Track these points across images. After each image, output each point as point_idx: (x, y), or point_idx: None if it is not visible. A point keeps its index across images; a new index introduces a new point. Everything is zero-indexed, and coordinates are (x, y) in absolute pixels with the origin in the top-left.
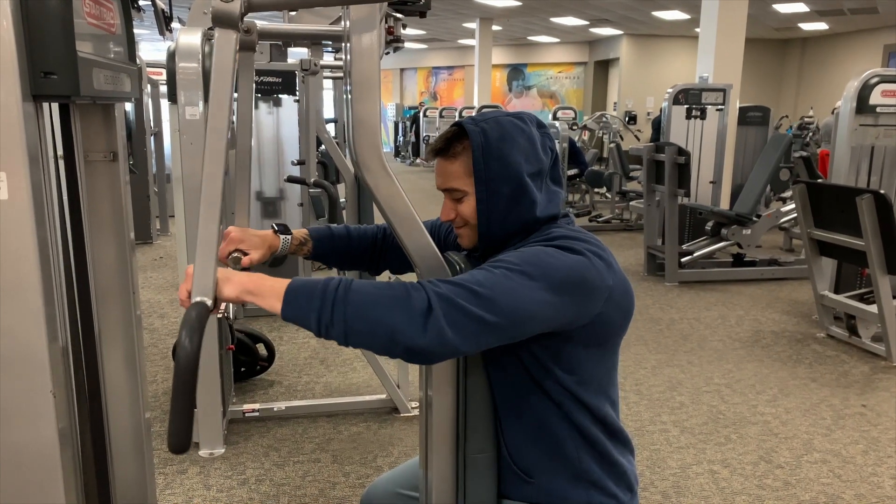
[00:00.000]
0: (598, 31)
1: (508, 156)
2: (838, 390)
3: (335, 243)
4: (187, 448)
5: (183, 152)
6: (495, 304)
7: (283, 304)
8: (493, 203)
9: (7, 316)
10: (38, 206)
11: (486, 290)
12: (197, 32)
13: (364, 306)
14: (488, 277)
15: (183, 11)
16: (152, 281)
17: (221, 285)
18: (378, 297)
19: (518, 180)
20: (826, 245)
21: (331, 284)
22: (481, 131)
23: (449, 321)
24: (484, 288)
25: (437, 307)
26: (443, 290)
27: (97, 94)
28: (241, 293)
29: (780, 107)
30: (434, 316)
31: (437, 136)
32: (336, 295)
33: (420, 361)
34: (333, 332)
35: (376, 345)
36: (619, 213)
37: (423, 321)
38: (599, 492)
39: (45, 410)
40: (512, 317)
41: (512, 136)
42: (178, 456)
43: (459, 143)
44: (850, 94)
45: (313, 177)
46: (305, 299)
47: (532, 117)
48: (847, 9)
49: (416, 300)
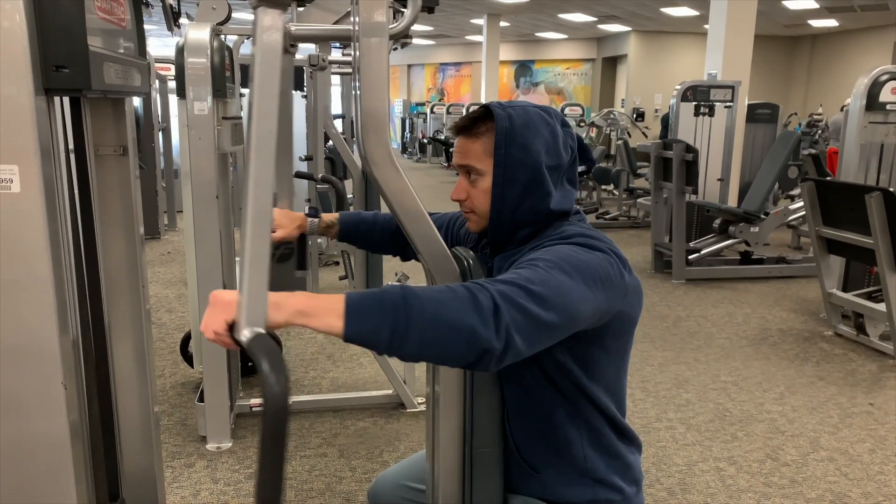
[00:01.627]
0: (606, 27)
1: (531, 145)
2: (846, 388)
3: (360, 228)
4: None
5: (191, 147)
6: (549, 302)
7: (346, 321)
8: (509, 188)
9: (19, 308)
10: (50, 199)
11: (538, 286)
12: (205, 28)
13: (436, 311)
14: (536, 274)
15: (191, 7)
16: (160, 276)
17: (270, 311)
18: (444, 300)
19: (536, 170)
20: (834, 243)
21: (390, 293)
22: (508, 116)
23: (513, 320)
24: (535, 285)
25: (502, 306)
26: (502, 288)
27: (108, 88)
28: (292, 317)
29: (790, 104)
30: (502, 315)
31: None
32: (404, 302)
33: (488, 367)
34: (407, 344)
35: (453, 351)
36: (626, 210)
37: (495, 321)
38: (605, 487)
39: (56, 402)
40: (564, 314)
41: (536, 127)
42: (186, 449)
43: (484, 125)
44: (859, 92)
45: (321, 172)
46: (373, 313)
47: (558, 114)
48: (857, 5)
49: (482, 299)
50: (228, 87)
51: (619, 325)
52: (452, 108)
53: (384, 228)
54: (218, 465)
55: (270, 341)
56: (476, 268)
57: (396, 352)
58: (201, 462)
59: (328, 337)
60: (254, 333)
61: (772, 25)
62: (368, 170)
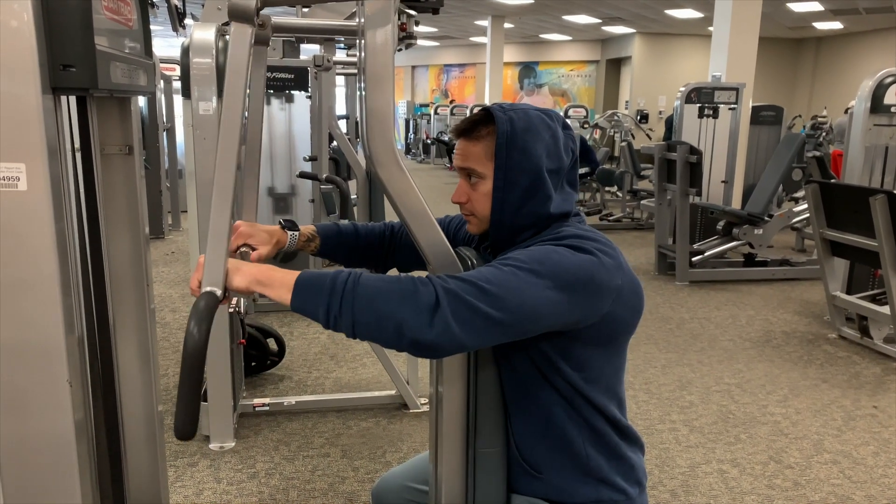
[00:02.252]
0: (611, 29)
1: (532, 149)
2: (849, 391)
3: (342, 240)
4: (193, 434)
5: (196, 147)
6: (502, 301)
7: (293, 295)
8: (509, 192)
9: (25, 306)
10: (57, 198)
11: (494, 286)
12: (211, 28)
13: (372, 299)
14: (496, 274)
15: (196, 7)
16: (164, 276)
17: (232, 275)
18: (386, 291)
19: (537, 174)
20: (838, 245)
21: (340, 277)
22: (509, 120)
23: (455, 316)
24: (491, 285)
25: (444, 302)
26: (450, 285)
27: (115, 87)
28: (250, 283)
29: (794, 106)
30: (441, 311)
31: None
32: (345, 287)
33: (426, 355)
34: (341, 324)
35: (383, 337)
36: (630, 211)
37: (429, 315)
38: (608, 487)
39: (61, 400)
40: (518, 314)
41: (537, 130)
42: (190, 449)
43: (485, 128)
44: (864, 94)
45: (325, 173)
46: (315, 291)
47: (559, 117)
48: (862, 7)
49: (423, 294)
50: None
51: (611, 326)
52: (456, 109)
53: (368, 238)
54: (221, 465)
55: (211, 298)
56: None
57: (335, 329)
58: (204, 461)
59: (331, 337)
60: (205, 291)
61: (776, 28)
62: (373, 170)
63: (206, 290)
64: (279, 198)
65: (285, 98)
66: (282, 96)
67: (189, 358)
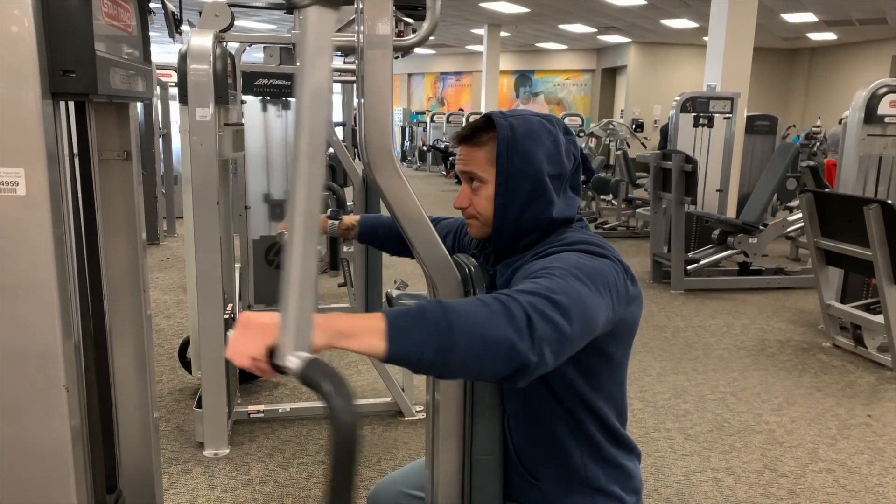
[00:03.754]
0: (606, 38)
1: (532, 154)
2: (844, 400)
3: (379, 230)
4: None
5: (192, 154)
6: (571, 313)
7: (390, 340)
8: (511, 197)
9: (23, 311)
10: (55, 203)
11: (560, 297)
12: (208, 34)
13: (475, 326)
14: (556, 284)
15: (192, 14)
16: (159, 282)
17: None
18: (483, 314)
19: (538, 179)
20: (833, 255)
21: (429, 308)
22: (509, 126)
23: (544, 334)
24: (558, 295)
25: (535, 318)
26: (530, 299)
27: (114, 93)
28: (332, 338)
29: (788, 116)
30: (535, 328)
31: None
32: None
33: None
34: (451, 361)
35: (493, 367)
36: (625, 220)
37: (529, 334)
38: (605, 496)
39: (58, 405)
40: (584, 324)
41: (538, 136)
42: (184, 456)
43: (486, 134)
44: (858, 104)
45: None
46: (417, 330)
47: (560, 122)
48: (855, 19)
49: (516, 312)
50: (230, 94)
51: (622, 333)
52: (452, 116)
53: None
54: (215, 472)
55: (328, 366)
56: (477, 275)
57: (438, 370)
58: (198, 468)
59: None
60: (304, 359)
61: (771, 38)
62: (371, 176)
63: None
64: (275, 204)
65: (282, 105)
66: (278, 103)
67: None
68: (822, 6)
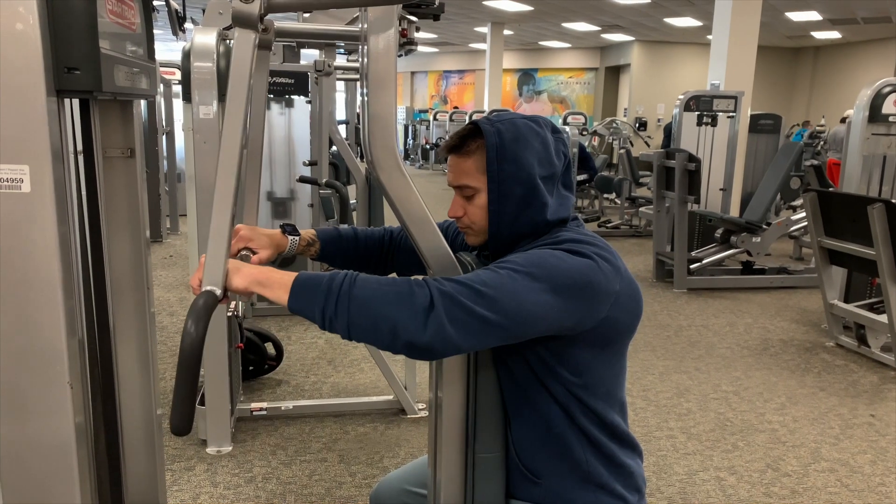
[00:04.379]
0: (610, 36)
1: (522, 158)
2: (847, 400)
3: (342, 245)
4: (188, 431)
5: (196, 151)
6: (498, 304)
7: (290, 295)
8: (505, 204)
9: (28, 307)
10: (60, 200)
11: (490, 289)
12: (212, 32)
13: (367, 301)
14: (493, 277)
15: (196, 12)
16: (162, 279)
17: (231, 276)
18: (382, 293)
19: (530, 182)
20: (836, 254)
21: (336, 278)
22: (497, 132)
23: (450, 318)
24: (487, 287)
25: (438, 304)
26: (446, 287)
27: (118, 90)
28: (250, 283)
29: (792, 115)
30: (436, 313)
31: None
32: (341, 289)
33: (421, 357)
34: (337, 325)
35: (378, 339)
36: (628, 218)
37: (424, 317)
38: (607, 494)
39: (62, 402)
40: (514, 317)
41: (526, 139)
42: (187, 453)
43: (474, 142)
44: (862, 103)
45: (324, 178)
46: (312, 292)
47: (547, 122)
48: (860, 18)
49: (418, 296)
50: None
51: (608, 330)
52: (455, 115)
53: (367, 243)
54: (218, 469)
55: (210, 297)
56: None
57: (330, 330)
58: (201, 466)
59: (329, 342)
60: (204, 290)
61: (775, 37)
62: (374, 174)
63: (205, 288)
64: (278, 202)
65: (285, 103)
66: (282, 101)
67: (186, 355)
68: (827, 5)
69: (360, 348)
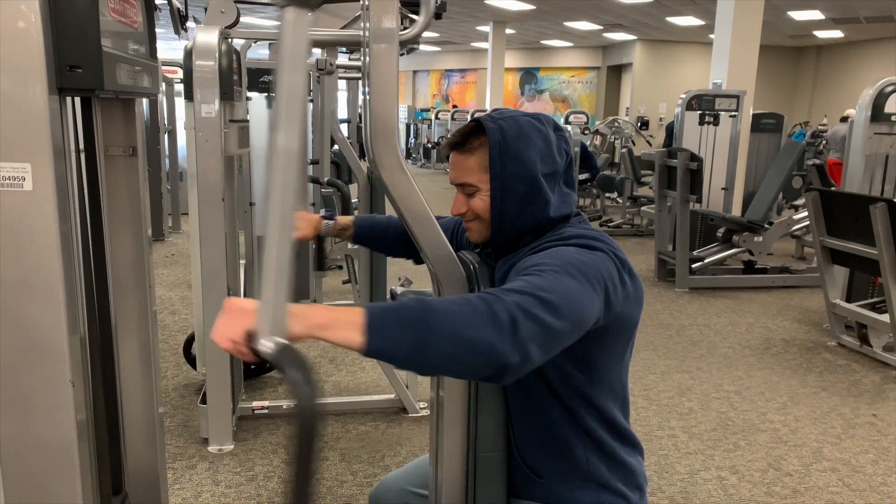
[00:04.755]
0: (612, 35)
1: (525, 155)
2: (849, 399)
3: (375, 231)
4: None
5: (198, 150)
6: (560, 310)
7: (367, 336)
8: (508, 201)
9: (29, 306)
10: (62, 198)
11: (549, 294)
12: (214, 31)
13: (454, 327)
14: (545, 281)
15: (198, 10)
16: (164, 278)
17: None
18: (464, 314)
19: (533, 180)
20: (838, 253)
21: (410, 307)
22: (499, 129)
23: (528, 333)
24: (546, 293)
25: (519, 319)
26: (517, 298)
27: (120, 88)
28: (311, 329)
29: (794, 114)
30: (519, 328)
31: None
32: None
33: (504, 380)
34: (427, 359)
35: (471, 367)
36: (630, 218)
37: (512, 335)
38: (608, 492)
39: (63, 400)
40: (573, 319)
41: (529, 136)
42: (188, 451)
43: (476, 139)
44: (864, 103)
45: (326, 176)
46: (395, 327)
47: (549, 119)
48: (863, 17)
49: (500, 312)
50: (236, 91)
51: (620, 326)
52: (457, 114)
53: (397, 232)
54: (219, 468)
55: (297, 352)
56: (481, 272)
57: (414, 367)
58: (203, 464)
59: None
60: (278, 344)
61: (777, 36)
62: (377, 173)
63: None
64: None
65: None
66: None
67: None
68: (830, 4)
69: None
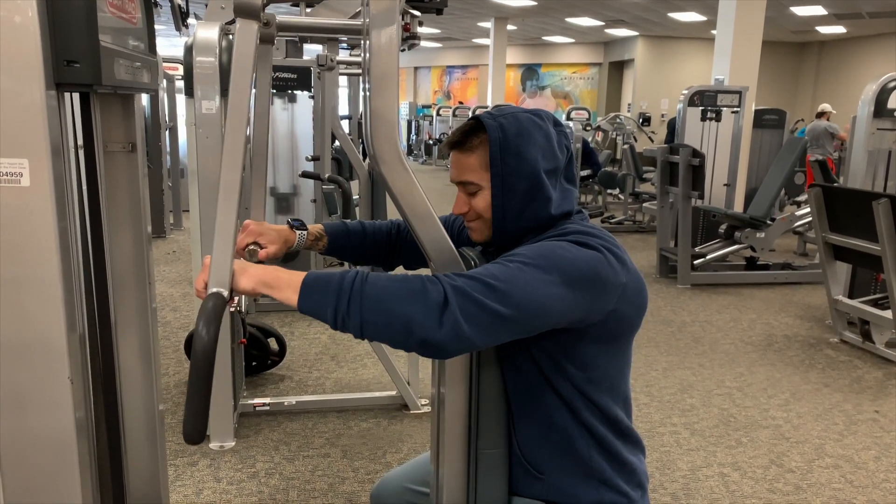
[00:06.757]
0: (614, 31)
1: (525, 152)
2: (851, 396)
3: (350, 239)
4: (202, 438)
5: (199, 146)
6: (510, 298)
7: (300, 296)
8: (509, 199)
9: (27, 302)
10: (59, 195)
11: (501, 283)
12: (214, 27)
13: (380, 299)
14: (503, 271)
15: (199, 7)
16: (165, 275)
17: (238, 277)
18: (394, 290)
19: (534, 177)
20: (841, 249)
21: (347, 277)
22: (499, 126)
23: (464, 314)
24: (499, 281)
25: (452, 300)
26: (458, 283)
27: (118, 84)
28: (257, 285)
29: (797, 110)
30: (450, 309)
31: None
32: (353, 287)
33: (435, 355)
34: (350, 325)
35: (392, 337)
36: (631, 214)
37: (439, 314)
38: (610, 490)
39: (63, 397)
40: (526, 310)
41: (529, 133)
42: (189, 448)
43: (476, 137)
44: (867, 98)
45: (327, 173)
46: (322, 292)
47: (549, 115)
48: (865, 12)
49: (432, 293)
50: None
51: (615, 324)
52: (459, 110)
53: (375, 236)
54: (221, 464)
55: (219, 300)
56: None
57: (343, 329)
58: (204, 461)
59: (332, 338)
60: (212, 292)
61: (780, 31)
62: (377, 169)
63: (212, 291)
64: (281, 197)
65: (288, 98)
66: (284, 96)
67: (198, 360)
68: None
69: (363, 344)
